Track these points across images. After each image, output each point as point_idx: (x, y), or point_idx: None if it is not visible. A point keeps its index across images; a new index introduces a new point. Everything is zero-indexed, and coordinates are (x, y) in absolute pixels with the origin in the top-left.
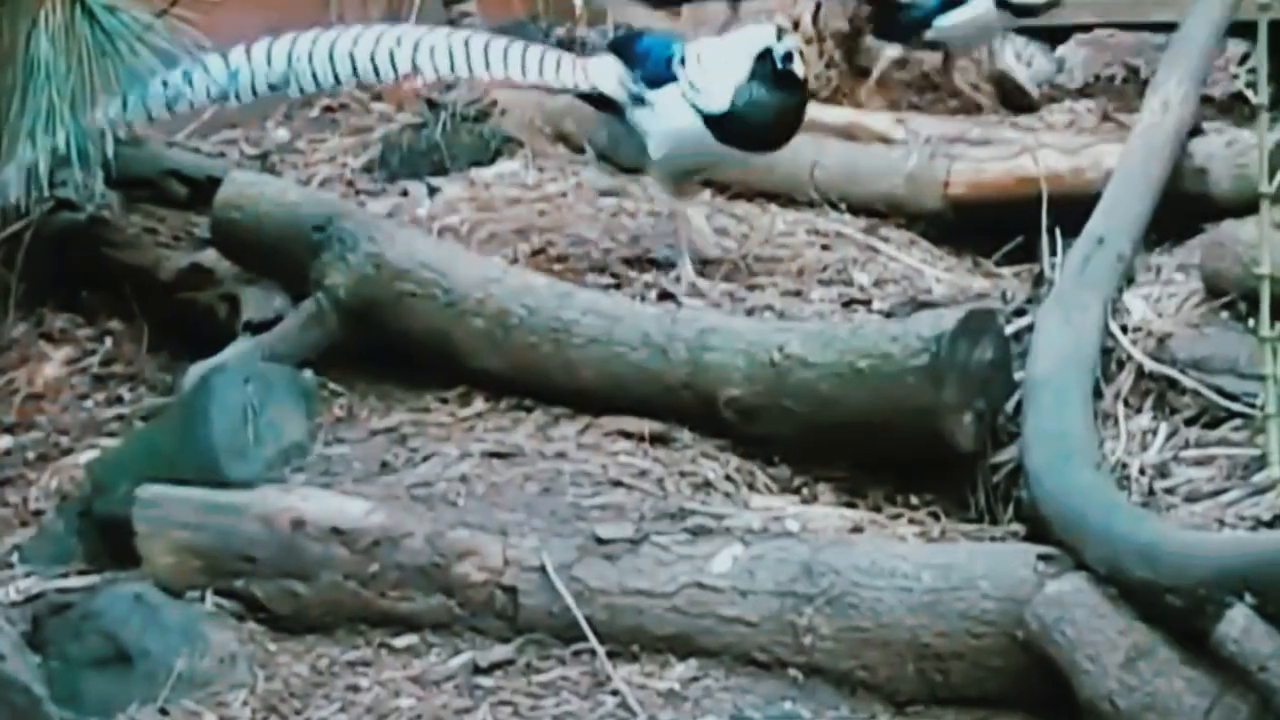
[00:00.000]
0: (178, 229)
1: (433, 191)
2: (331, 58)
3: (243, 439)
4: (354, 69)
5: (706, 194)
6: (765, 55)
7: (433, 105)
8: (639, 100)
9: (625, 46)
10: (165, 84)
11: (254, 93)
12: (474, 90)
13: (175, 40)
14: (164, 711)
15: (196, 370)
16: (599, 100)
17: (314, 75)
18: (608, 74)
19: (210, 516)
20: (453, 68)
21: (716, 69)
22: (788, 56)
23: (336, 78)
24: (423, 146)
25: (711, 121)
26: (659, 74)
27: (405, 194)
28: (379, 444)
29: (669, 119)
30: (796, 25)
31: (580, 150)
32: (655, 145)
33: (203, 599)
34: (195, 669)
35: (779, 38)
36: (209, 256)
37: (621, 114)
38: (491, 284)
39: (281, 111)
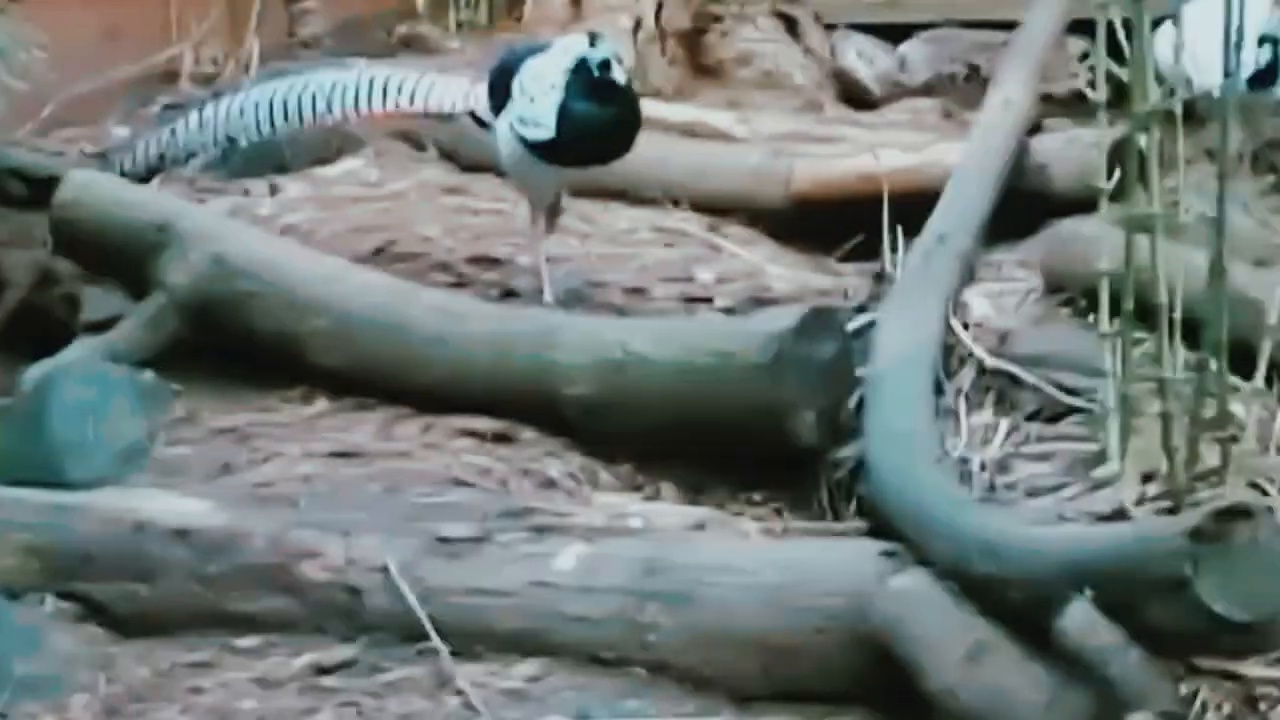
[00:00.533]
0: (16, 228)
1: (274, 190)
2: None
3: (83, 440)
4: (271, 120)
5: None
6: (580, 67)
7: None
8: (485, 124)
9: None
10: None
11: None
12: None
13: (12, 38)
14: (3, 715)
15: (36, 371)
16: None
17: (257, 124)
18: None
19: (51, 518)
20: (355, 105)
21: (540, 93)
22: (604, 65)
23: (274, 125)
24: (264, 145)
25: (541, 148)
26: (501, 99)
27: (247, 193)
28: (221, 444)
29: (505, 146)
30: (639, 23)
31: (423, 148)
32: (506, 168)
33: (42, 601)
34: (35, 672)
35: (593, 43)
36: (49, 256)
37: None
38: (334, 283)
39: (122, 110)
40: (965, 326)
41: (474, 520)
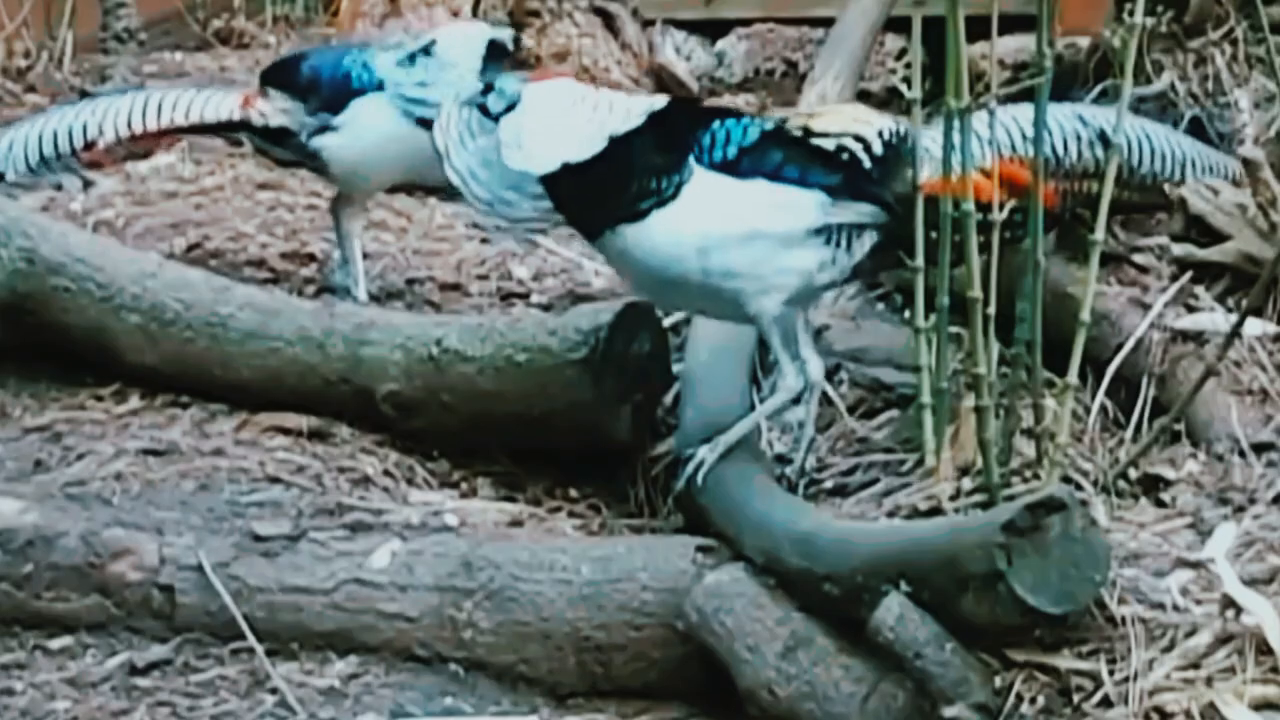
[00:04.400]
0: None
1: (87, 185)
2: (40, 140)
3: None
4: (55, 144)
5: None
6: (496, 49)
7: (86, 96)
8: (322, 129)
9: (286, 74)
10: None
11: None
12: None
13: None
14: None
15: None
16: (270, 134)
17: (26, 158)
18: (272, 109)
19: None
20: (126, 126)
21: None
22: (518, 43)
23: (43, 156)
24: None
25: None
26: (344, 91)
27: (59, 188)
28: (32, 442)
29: (375, 134)
30: (457, 16)
31: (238, 143)
32: (355, 164)
33: None
34: None
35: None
36: None
37: (295, 144)
38: (147, 279)
39: None
40: None
41: (289, 518)
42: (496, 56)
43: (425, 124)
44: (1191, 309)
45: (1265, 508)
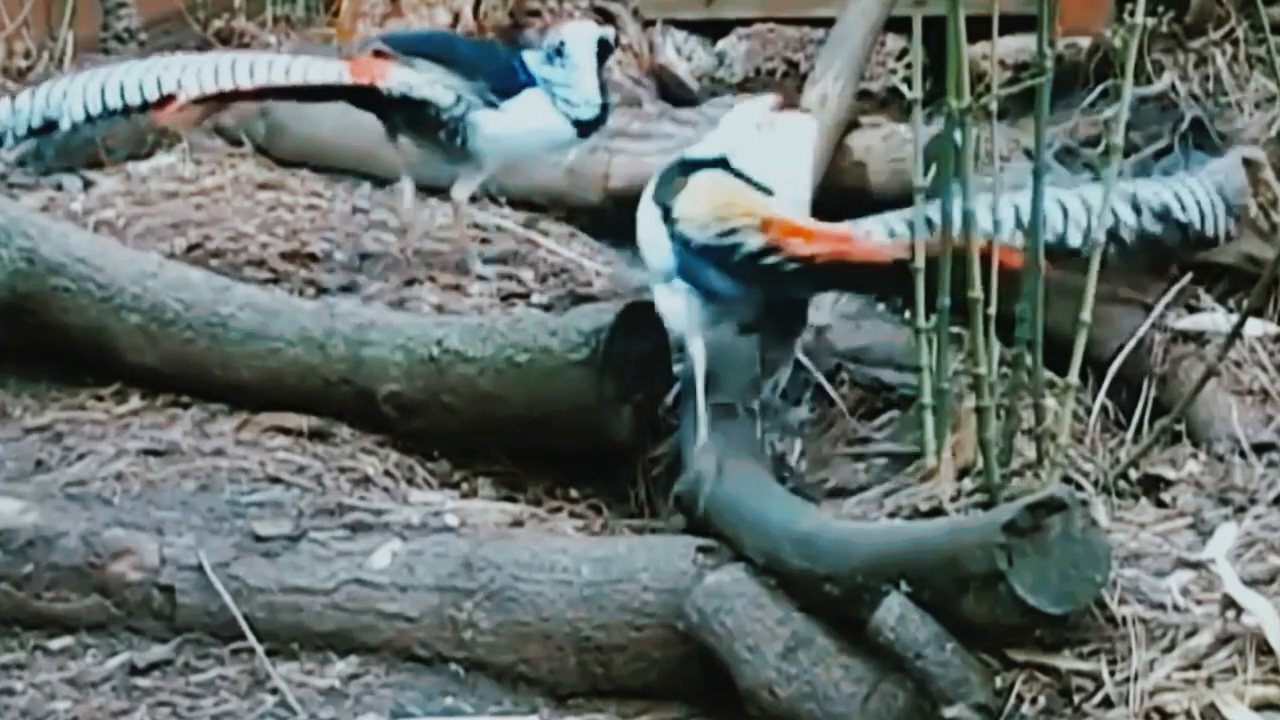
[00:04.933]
0: None
1: (88, 185)
2: (102, 89)
3: None
4: (122, 95)
5: None
6: (604, 47)
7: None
8: (487, 104)
9: (439, 51)
10: None
11: (29, 129)
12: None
13: None
14: None
15: None
16: (399, 103)
17: (85, 106)
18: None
19: None
20: (214, 81)
21: (579, 77)
22: (617, 41)
23: (105, 107)
24: (77, 140)
25: (583, 125)
26: (513, 80)
27: (60, 188)
28: (32, 442)
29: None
30: (458, 17)
31: (238, 143)
32: (502, 146)
33: None
34: None
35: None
36: None
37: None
38: (147, 279)
39: None
40: None
41: (289, 518)
42: (603, 54)
43: (576, 124)
44: (1192, 309)
45: (1266, 508)
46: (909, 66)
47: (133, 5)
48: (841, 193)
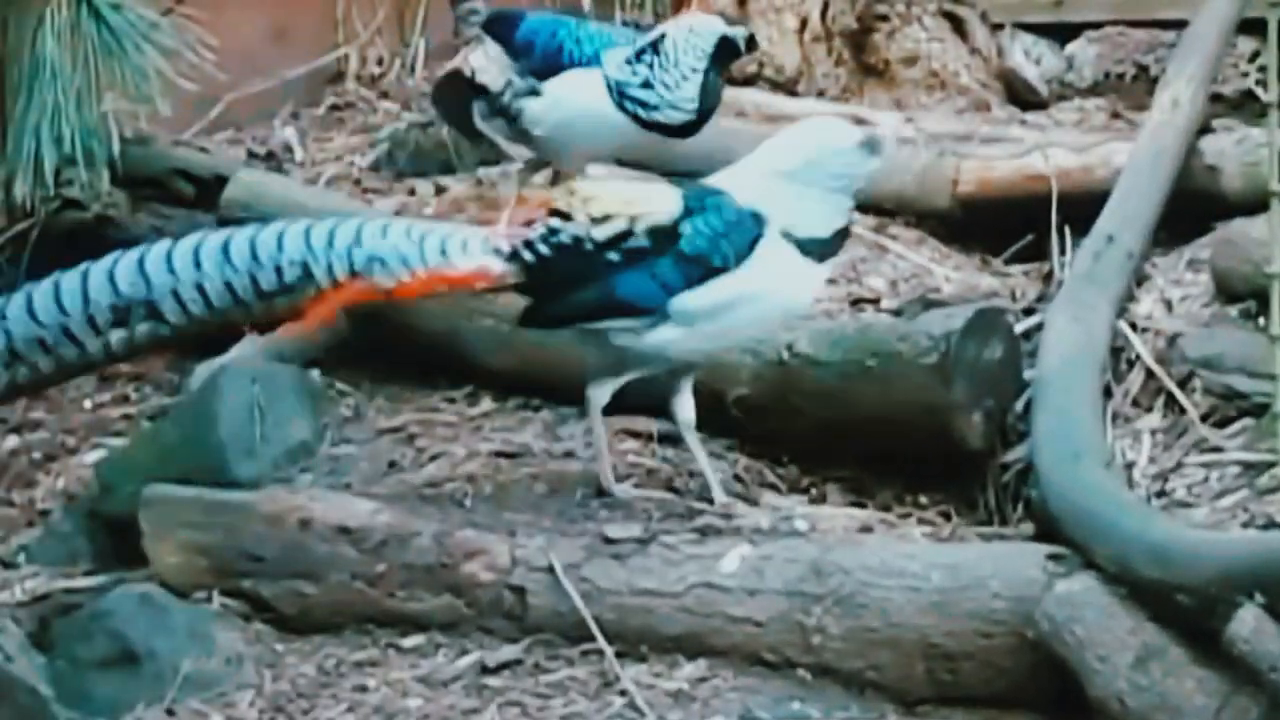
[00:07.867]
0: (185, 228)
1: (440, 190)
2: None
3: (250, 439)
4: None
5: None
6: (725, 46)
7: None
8: (530, 93)
9: (505, 29)
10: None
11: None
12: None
13: (180, 38)
14: (170, 712)
15: (203, 370)
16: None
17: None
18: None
19: (217, 516)
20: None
21: (678, 78)
22: (751, 41)
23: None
24: (430, 145)
25: (672, 129)
26: (555, 62)
27: (412, 193)
28: (386, 444)
29: (572, 107)
30: (805, 22)
31: None
32: (553, 133)
33: (209, 599)
34: (202, 669)
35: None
36: None
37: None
38: None
39: (289, 110)
40: (1134, 328)
41: (639, 521)
42: (726, 56)
43: (646, 124)
44: None
45: None
46: (1263, 69)
47: (483, 11)
48: (1193, 197)
